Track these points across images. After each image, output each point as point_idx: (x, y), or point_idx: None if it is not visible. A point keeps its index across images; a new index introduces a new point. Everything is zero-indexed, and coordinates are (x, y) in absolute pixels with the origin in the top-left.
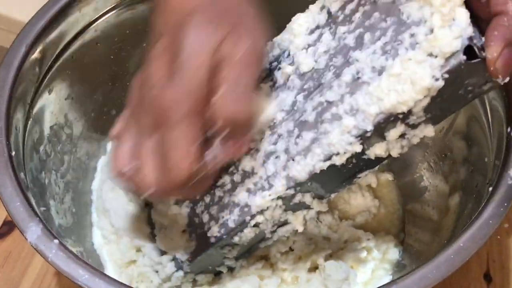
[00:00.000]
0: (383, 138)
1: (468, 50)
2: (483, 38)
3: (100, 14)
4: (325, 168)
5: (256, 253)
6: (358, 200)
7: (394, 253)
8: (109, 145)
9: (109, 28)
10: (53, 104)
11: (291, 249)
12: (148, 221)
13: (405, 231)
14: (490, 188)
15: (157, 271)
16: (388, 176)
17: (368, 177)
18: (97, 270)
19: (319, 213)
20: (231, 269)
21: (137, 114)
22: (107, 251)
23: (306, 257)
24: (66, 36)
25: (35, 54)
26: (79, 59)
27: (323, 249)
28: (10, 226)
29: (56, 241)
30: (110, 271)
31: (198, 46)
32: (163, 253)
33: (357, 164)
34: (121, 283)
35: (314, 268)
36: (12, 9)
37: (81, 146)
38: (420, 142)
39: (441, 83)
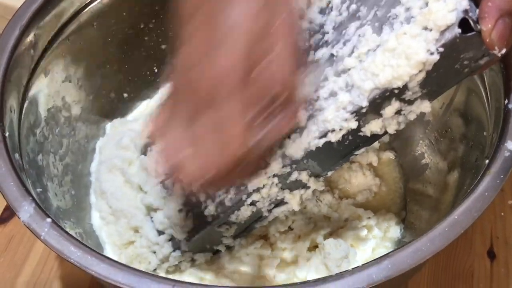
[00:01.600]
0: (379, 114)
1: (464, 23)
2: (478, 11)
3: None
4: (320, 145)
5: (255, 232)
6: (359, 179)
7: (395, 231)
8: (108, 127)
9: (105, 10)
10: (49, 86)
11: (290, 228)
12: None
13: (407, 209)
14: (487, 161)
15: (154, 252)
16: (389, 155)
17: (369, 156)
18: (89, 247)
19: (317, 192)
20: (229, 248)
21: (182, 100)
22: (106, 233)
23: (306, 236)
24: (61, 18)
25: (30, 37)
26: (75, 42)
27: (323, 228)
28: (12, 211)
29: (48, 219)
30: (109, 252)
31: (237, 16)
32: (160, 233)
33: (353, 141)
34: (112, 260)
35: (313, 247)
36: None
37: (79, 128)
38: (421, 119)
39: (436, 57)
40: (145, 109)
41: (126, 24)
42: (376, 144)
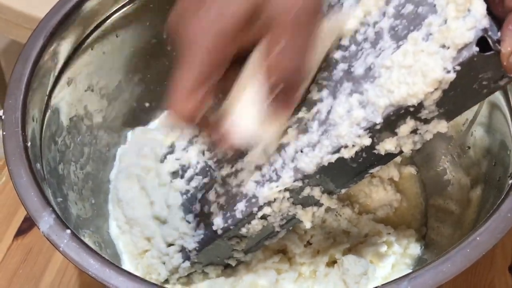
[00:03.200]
0: (393, 133)
1: (483, 43)
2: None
3: (119, 5)
4: (333, 161)
5: (273, 246)
6: (379, 193)
7: (415, 248)
8: (129, 135)
9: (129, 20)
10: (72, 95)
11: (309, 243)
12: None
13: (427, 226)
14: (511, 181)
15: (164, 263)
16: (411, 170)
17: (390, 170)
18: (108, 260)
19: (337, 207)
20: (240, 262)
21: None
22: (123, 242)
23: (324, 251)
24: (85, 28)
25: (53, 46)
26: (98, 51)
27: (342, 243)
28: (31, 222)
29: (68, 231)
30: (126, 262)
31: None
32: (170, 245)
33: (367, 159)
34: (130, 273)
35: (332, 263)
36: (30, 5)
37: (101, 137)
38: (443, 134)
39: (452, 75)
40: (167, 119)
41: (149, 34)
42: (397, 159)
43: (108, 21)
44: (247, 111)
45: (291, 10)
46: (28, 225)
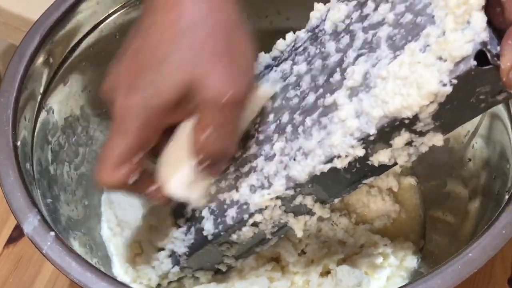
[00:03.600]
0: (388, 145)
1: (481, 56)
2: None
3: (119, 5)
4: (325, 171)
5: (266, 254)
6: (377, 204)
7: (412, 261)
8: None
9: (129, 20)
10: (68, 96)
11: (303, 252)
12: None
13: (425, 238)
14: (507, 196)
15: (154, 267)
16: (411, 180)
17: (389, 180)
18: (90, 264)
19: (334, 216)
20: (231, 267)
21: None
22: (114, 245)
23: (319, 260)
24: (83, 27)
25: (49, 45)
26: (97, 52)
27: (337, 253)
28: (21, 230)
29: (52, 233)
30: (116, 265)
31: (180, 69)
32: (160, 250)
33: (361, 170)
34: (112, 279)
35: (326, 273)
36: (29, 9)
37: (97, 138)
38: (445, 145)
39: (449, 88)
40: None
41: None
42: (397, 169)
43: (108, 21)
44: (177, 175)
45: (220, 100)
46: (18, 233)
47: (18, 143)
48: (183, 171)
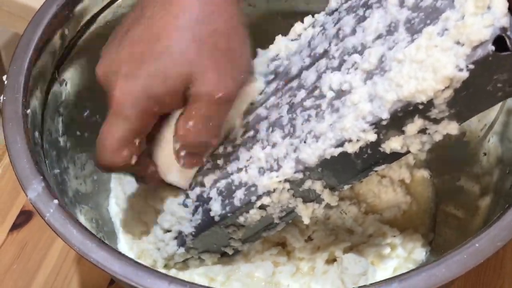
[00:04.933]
0: (401, 131)
1: (500, 42)
2: None
3: None
4: (336, 155)
5: (273, 238)
6: (388, 194)
7: (420, 253)
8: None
9: None
10: (82, 68)
11: (310, 238)
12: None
13: (435, 232)
14: None
15: (159, 249)
16: (424, 173)
17: (402, 172)
18: (92, 234)
19: (343, 204)
20: (238, 251)
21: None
22: (120, 221)
23: (325, 247)
24: (100, 1)
25: (66, 16)
26: (114, 25)
27: (344, 241)
28: (26, 215)
29: (55, 201)
30: (122, 241)
31: (179, 64)
32: (166, 231)
33: (372, 156)
34: (112, 248)
35: (332, 260)
36: None
37: None
38: (460, 139)
39: (465, 74)
40: None
41: None
42: (411, 161)
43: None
44: (169, 161)
45: (214, 95)
46: (23, 219)
47: (28, 111)
48: (172, 158)
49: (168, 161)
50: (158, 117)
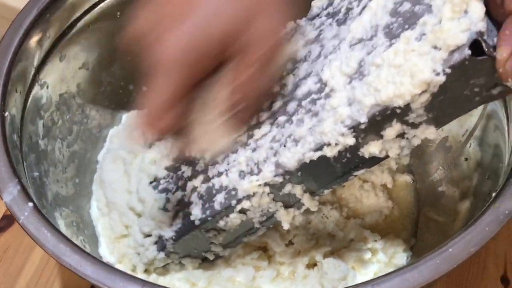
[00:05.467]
0: (379, 136)
1: (477, 47)
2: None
3: None
4: (315, 159)
5: (254, 242)
6: (370, 199)
7: (401, 258)
8: (124, 117)
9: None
10: (64, 72)
11: (291, 243)
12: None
13: (417, 237)
14: (493, 194)
15: (139, 254)
16: (407, 178)
17: (384, 176)
18: (66, 237)
19: (325, 208)
20: (219, 257)
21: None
22: (101, 224)
23: (306, 252)
24: (83, 3)
25: (47, 18)
26: (96, 30)
27: (324, 245)
28: (8, 220)
29: (30, 204)
30: (103, 244)
31: (224, 10)
32: (147, 236)
33: (352, 160)
34: (86, 253)
35: (312, 265)
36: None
37: (93, 117)
38: (443, 144)
39: (442, 78)
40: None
41: None
42: (393, 166)
43: None
44: (208, 128)
45: (269, 41)
46: (5, 223)
47: (6, 114)
48: (214, 123)
49: (210, 129)
50: (201, 77)
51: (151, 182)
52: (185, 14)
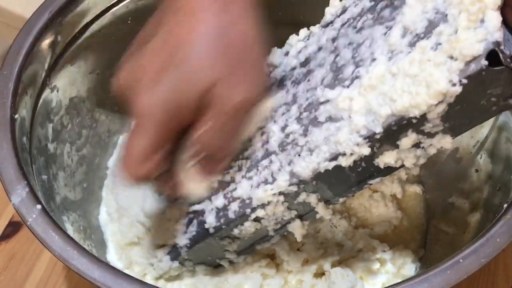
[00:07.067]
0: (394, 145)
1: (494, 57)
2: None
3: None
4: (330, 168)
5: (262, 250)
6: (380, 209)
7: (410, 269)
8: (133, 124)
9: (142, 6)
10: (75, 76)
11: (299, 251)
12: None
13: (426, 248)
14: (505, 205)
15: (152, 264)
16: (417, 189)
17: (393, 187)
18: (73, 240)
19: (334, 218)
20: (232, 263)
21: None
22: (110, 230)
23: (314, 261)
24: (95, 9)
25: (58, 24)
26: (107, 35)
27: (333, 255)
28: (15, 227)
29: (38, 206)
30: (111, 251)
31: (199, 72)
32: (160, 246)
33: (367, 169)
34: (93, 256)
35: (320, 274)
36: (30, 9)
37: (102, 122)
38: (453, 155)
39: (458, 88)
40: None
41: None
42: (403, 176)
43: (120, 5)
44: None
45: (232, 101)
46: (11, 230)
47: (16, 116)
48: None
49: (188, 175)
50: (179, 129)
51: None
52: (166, 70)
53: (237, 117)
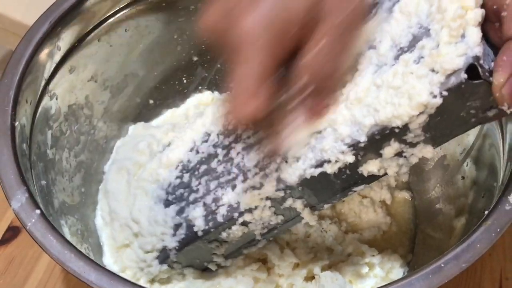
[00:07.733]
0: (378, 154)
1: (473, 71)
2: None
3: (131, 0)
4: (315, 175)
5: (254, 254)
6: (369, 215)
7: (398, 274)
8: (131, 129)
9: (139, 16)
10: (73, 83)
11: (290, 255)
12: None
13: (414, 252)
14: (486, 212)
15: (142, 269)
16: (405, 195)
17: (383, 193)
18: (71, 244)
19: (324, 223)
20: (221, 267)
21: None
22: (106, 234)
23: (304, 265)
24: (94, 18)
25: (58, 33)
26: (105, 43)
27: (322, 259)
28: (14, 231)
29: (37, 211)
30: (107, 254)
31: None
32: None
33: (351, 177)
34: (90, 259)
35: (311, 278)
36: (29, 15)
37: (100, 128)
38: (441, 163)
39: (439, 100)
40: (170, 117)
41: (160, 32)
42: (392, 182)
43: (119, 14)
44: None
45: (342, 12)
46: (10, 235)
47: (16, 123)
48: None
49: (289, 122)
50: (285, 56)
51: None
52: None
53: (349, 31)
